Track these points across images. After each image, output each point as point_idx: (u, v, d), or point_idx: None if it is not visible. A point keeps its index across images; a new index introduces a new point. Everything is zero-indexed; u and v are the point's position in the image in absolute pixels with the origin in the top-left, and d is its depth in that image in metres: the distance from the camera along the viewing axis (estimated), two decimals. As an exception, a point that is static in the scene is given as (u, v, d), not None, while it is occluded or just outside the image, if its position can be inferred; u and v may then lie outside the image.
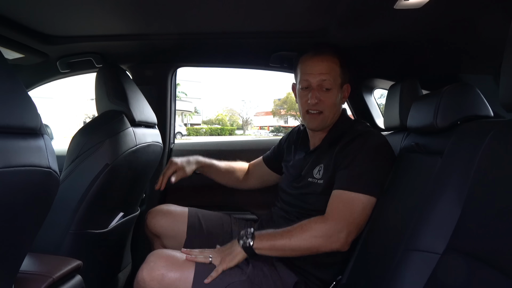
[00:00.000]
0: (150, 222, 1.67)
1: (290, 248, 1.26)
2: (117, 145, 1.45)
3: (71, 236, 1.39)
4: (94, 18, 1.50)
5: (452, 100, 1.13)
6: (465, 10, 1.19)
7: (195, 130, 32.56)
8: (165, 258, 1.26)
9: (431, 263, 0.90)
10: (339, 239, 1.24)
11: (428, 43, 1.53)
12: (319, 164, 1.42)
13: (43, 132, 0.91)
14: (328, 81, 1.40)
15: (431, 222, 0.94)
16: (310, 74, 1.42)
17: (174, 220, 1.66)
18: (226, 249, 1.31)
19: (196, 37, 1.73)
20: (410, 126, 1.33)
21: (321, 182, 1.39)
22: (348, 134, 1.39)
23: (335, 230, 1.24)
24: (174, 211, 1.70)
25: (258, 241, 1.26)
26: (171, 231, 1.65)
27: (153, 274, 1.21)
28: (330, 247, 1.25)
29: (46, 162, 0.88)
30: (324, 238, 1.24)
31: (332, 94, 1.42)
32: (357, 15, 1.31)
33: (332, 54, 1.43)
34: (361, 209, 1.27)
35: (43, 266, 1.08)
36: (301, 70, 1.45)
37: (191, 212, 1.71)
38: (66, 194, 1.37)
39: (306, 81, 1.43)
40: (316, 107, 1.42)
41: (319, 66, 1.41)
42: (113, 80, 1.57)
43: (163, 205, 1.75)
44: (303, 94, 1.45)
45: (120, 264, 1.84)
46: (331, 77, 1.41)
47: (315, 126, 1.46)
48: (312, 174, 1.42)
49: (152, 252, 1.30)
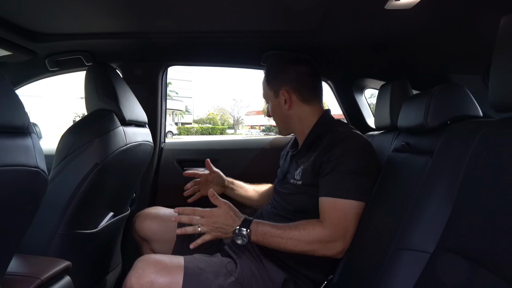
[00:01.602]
0: (139, 226, 1.64)
1: (285, 248, 1.26)
2: (107, 145, 1.44)
3: (59, 236, 1.37)
4: (84, 16, 1.48)
5: (442, 100, 1.13)
6: (454, 11, 1.20)
7: (186, 129, 32.46)
8: (153, 264, 1.23)
9: (421, 262, 0.90)
10: (335, 247, 1.25)
11: (418, 43, 1.54)
12: (300, 166, 1.43)
13: (31, 131, 0.90)
14: (264, 97, 1.57)
15: (421, 222, 0.94)
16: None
17: (163, 224, 1.63)
18: (221, 227, 1.28)
19: (187, 36, 1.72)
20: (401, 125, 1.34)
21: (299, 183, 1.40)
22: (328, 136, 1.38)
23: (333, 238, 1.25)
24: (163, 214, 1.67)
25: (254, 237, 1.27)
26: (160, 234, 1.62)
27: (142, 281, 1.18)
28: (325, 253, 1.26)
29: (34, 162, 0.87)
30: (322, 244, 1.25)
31: (270, 106, 1.55)
32: (348, 15, 1.31)
33: (264, 71, 1.56)
34: (355, 216, 1.27)
35: (31, 267, 1.07)
36: None
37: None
38: (55, 194, 1.36)
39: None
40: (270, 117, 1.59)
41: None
42: (103, 78, 1.55)
43: (151, 208, 1.72)
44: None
45: (110, 264, 1.82)
46: (264, 92, 1.56)
47: (279, 132, 1.60)
48: (294, 175, 1.44)
49: (139, 258, 1.26)
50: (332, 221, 1.26)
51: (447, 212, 0.88)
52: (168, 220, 1.61)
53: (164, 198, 2.25)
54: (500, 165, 0.75)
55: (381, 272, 0.99)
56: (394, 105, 1.55)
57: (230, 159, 2.25)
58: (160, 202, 2.23)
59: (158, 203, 2.22)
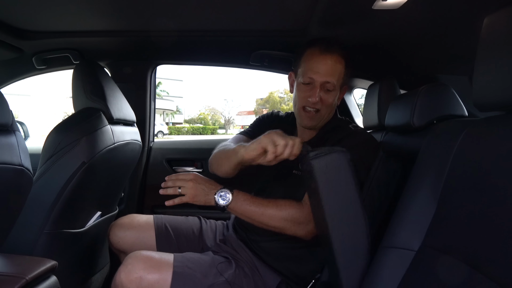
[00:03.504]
0: (113, 238, 1.54)
1: (259, 220, 1.26)
2: (94, 143, 1.43)
3: (45, 236, 1.36)
4: (72, 13, 1.47)
5: (428, 99, 1.15)
6: (441, 12, 1.21)
7: (177, 129, 32.36)
8: (143, 260, 1.23)
9: (406, 260, 0.91)
10: (306, 227, 1.23)
11: (406, 44, 1.55)
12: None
13: (15, 129, 0.89)
14: (331, 84, 1.34)
15: (407, 220, 0.95)
16: (316, 73, 1.34)
17: (140, 233, 1.54)
18: (203, 188, 1.28)
19: (175, 35, 1.71)
20: (388, 125, 1.35)
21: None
22: (341, 131, 1.36)
23: (306, 219, 1.23)
24: (138, 223, 1.57)
25: (233, 201, 1.26)
26: (138, 245, 1.50)
27: (131, 277, 1.19)
28: (294, 232, 1.25)
29: (18, 160, 0.86)
30: (294, 223, 1.24)
31: (333, 95, 1.37)
32: (336, 15, 1.32)
33: (340, 54, 1.36)
34: None
35: (16, 267, 1.05)
36: (306, 65, 1.37)
37: (158, 222, 1.58)
38: (41, 193, 1.35)
39: (310, 79, 1.36)
40: (315, 106, 1.36)
41: (326, 66, 1.34)
42: (90, 76, 1.54)
43: (124, 218, 1.60)
44: (304, 89, 1.38)
45: (97, 264, 1.81)
46: (335, 79, 1.34)
47: (311, 125, 1.41)
48: (298, 166, 1.35)
49: (130, 254, 1.26)
50: (308, 203, 1.23)
51: (432, 210, 0.89)
52: (144, 229, 1.55)
53: (153, 198, 2.23)
54: (483, 164, 0.76)
55: (368, 270, 1.00)
56: (382, 104, 1.56)
57: None
58: (148, 201, 2.22)
59: (146, 203, 2.22)
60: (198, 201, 1.28)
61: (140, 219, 1.59)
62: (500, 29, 0.73)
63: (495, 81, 0.73)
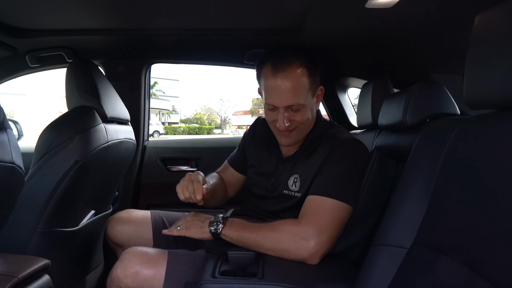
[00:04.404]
0: (111, 232, 1.57)
1: (256, 244, 1.20)
2: (88, 142, 1.42)
3: (38, 234, 1.35)
4: (66, 12, 1.46)
5: (421, 98, 1.15)
6: (433, 11, 1.22)
7: (173, 129, 32.33)
8: (139, 256, 1.24)
9: (398, 258, 0.91)
10: (307, 246, 1.14)
11: (400, 43, 1.56)
12: (293, 174, 1.34)
13: (6, 126, 0.89)
14: (297, 105, 1.23)
15: (399, 218, 0.95)
16: (275, 99, 1.24)
17: (137, 227, 1.56)
18: (199, 221, 1.29)
19: (169, 33, 1.71)
20: (381, 124, 1.35)
21: (298, 195, 1.31)
22: (329, 142, 1.30)
23: (305, 235, 1.15)
24: (135, 218, 1.59)
25: (227, 229, 1.23)
26: (135, 239, 1.53)
27: (127, 272, 1.20)
28: (296, 253, 1.16)
29: (9, 157, 0.86)
30: (291, 242, 1.16)
31: (303, 111, 1.26)
32: (330, 14, 1.32)
33: (297, 65, 1.22)
34: (337, 218, 1.19)
35: (8, 265, 1.04)
36: (264, 88, 1.28)
37: (155, 217, 1.60)
38: (33, 191, 1.35)
39: (272, 105, 1.27)
40: (287, 128, 1.27)
41: (283, 89, 1.22)
42: (84, 75, 1.54)
43: (122, 212, 1.63)
44: (269, 113, 1.30)
45: (91, 263, 1.81)
46: (300, 98, 1.23)
47: (289, 143, 1.34)
48: (287, 185, 1.34)
49: (126, 250, 1.28)
50: (307, 217, 1.19)
51: (424, 208, 0.89)
52: (142, 223, 1.56)
53: (147, 197, 2.24)
54: (474, 162, 0.77)
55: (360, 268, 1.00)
56: (376, 103, 1.57)
57: (213, 157, 2.25)
58: (143, 200, 2.22)
59: (141, 202, 2.22)
60: (194, 232, 1.26)
61: (138, 213, 1.61)
62: (491, 27, 0.73)
63: (485, 80, 0.73)
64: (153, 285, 1.20)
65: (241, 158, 1.60)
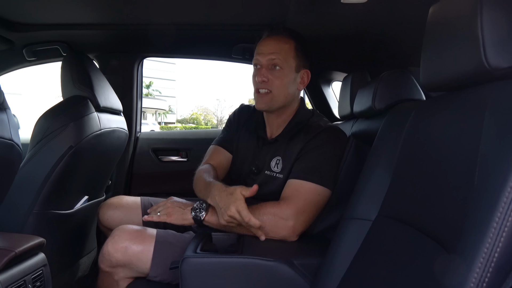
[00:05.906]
0: (102, 216, 1.62)
1: (239, 227, 1.24)
2: (81, 128, 1.51)
3: (34, 216, 1.43)
4: (62, 6, 1.54)
5: (389, 85, 1.23)
6: (407, 5, 1.28)
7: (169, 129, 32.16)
8: (129, 232, 1.30)
9: (364, 229, 0.99)
10: (286, 226, 1.23)
11: (376, 37, 1.63)
12: (276, 156, 1.41)
13: (6, 107, 0.96)
14: (277, 60, 1.37)
15: (365, 192, 1.03)
16: (260, 54, 1.40)
17: (127, 212, 1.61)
18: (180, 208, 1.32)
19: (161, 28, 1.79)
20: (355, 111, 1.43)
21: (280, 176, 1.38)
22: (310, 129, 1.38)
23: (284, 215, 1.23)
24: (125, 203, 1.64)
25: (210, 215, 1.28)
26: (126, 223, 1.52)
27: (117, 246, 1.26)
28: (276, 231, 1.24)
29: (8, 135, 0.93)
30: (271, 221, 1.23)
31: (282, 74, 1.38)
32: (309, 9, 1.39)
33: (286, 36, 1.40)
34: (315, 201, 1.27)
35: (6, 242, 1.11)
36: (255, 52, 1.44)
37: (144, 202, 1.66)
38: (30, 174, 1.42)
39: (257, 60, 1.41)
40: (264, 86, 1.39)
41: (270, 46, 1.39)
42: (78, 66, 1.62)
43: (113, 198, 1.69)
44: (254, 74, 1.43)
45: (84, 248, 1.88)
46: (281, 56, 1.37)
47: (263, 106, 1.43)
48: (270, 166, 1.42)
49: (116, 228, 1.33)
50: (287, 200, 1.27)
51: (387, 183, 0.98)
52: (131, 209, 1.62)
53: (139, 186, 2.31)
54: (428, 139, 0.85)
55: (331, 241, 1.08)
56: (354, 95, 1.65)
57: (202, 148, 2.32)
58: (135, 189, 2.29)
59: (133, 190, 2.29)
60: (175, 219, 1.29)
61: (128, 199, 1.67)
62: (443, 16, 0.80)
63: (438, 64, 0.80)
64: (141, 260, 1.26)
65: (230, 138, 1.64)
